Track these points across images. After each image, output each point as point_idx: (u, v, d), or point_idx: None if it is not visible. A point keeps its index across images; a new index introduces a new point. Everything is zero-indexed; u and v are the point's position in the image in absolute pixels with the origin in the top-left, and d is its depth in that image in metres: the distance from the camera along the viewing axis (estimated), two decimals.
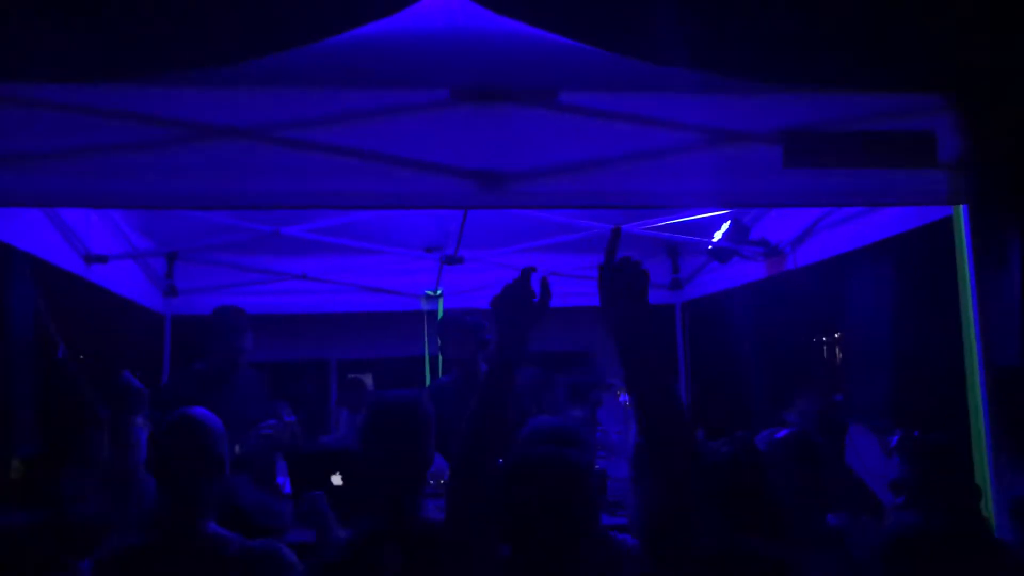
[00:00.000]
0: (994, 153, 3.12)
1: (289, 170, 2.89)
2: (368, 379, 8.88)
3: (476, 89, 2.97)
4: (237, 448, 3.65)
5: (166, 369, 5.57)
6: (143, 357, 5.32)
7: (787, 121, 3.14)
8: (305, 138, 2.87)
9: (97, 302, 4.52)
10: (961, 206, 3.22)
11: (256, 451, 3.80)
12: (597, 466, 3.84)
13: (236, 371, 4.14)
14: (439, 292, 5.78)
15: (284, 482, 3.79)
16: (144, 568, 2.40)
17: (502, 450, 2.20)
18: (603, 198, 3.12)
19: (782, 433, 2.98)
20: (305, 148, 2.87)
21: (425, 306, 5.84)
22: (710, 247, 5.00)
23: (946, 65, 3.17)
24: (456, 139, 2.97)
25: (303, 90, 2.93)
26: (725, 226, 4.91)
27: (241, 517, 2.84)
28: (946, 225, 3.34)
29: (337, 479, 3.24)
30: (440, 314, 5.61)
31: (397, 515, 2.31)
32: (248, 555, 2.38)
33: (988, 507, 3.02)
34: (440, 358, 5.80)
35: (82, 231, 4.12)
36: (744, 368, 5.96)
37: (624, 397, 5.16)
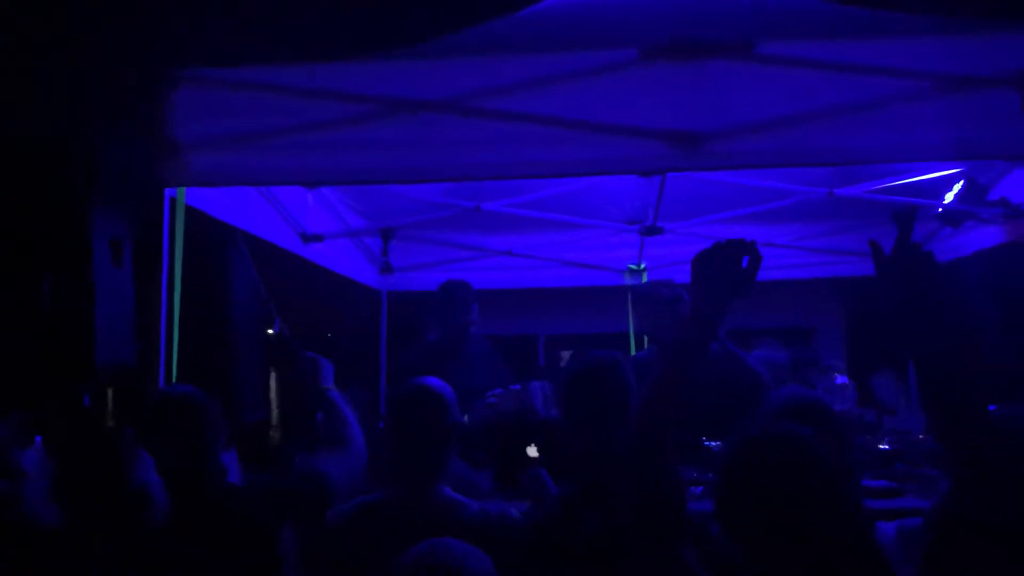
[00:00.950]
0: None
1: (479, 142, 2.89)
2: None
3: (666, 45, 2.83)
4: (466, 418, 3.74)
5: (383, 344, 5.83)
6: (361, 333, 5.59)
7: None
8: (493, 107, 2.86)
9: (314, 280, 4.79)
10: None
11: (483, 420, 3.87)
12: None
13: (466, 342, 4.29)
14: (642, 266, 5.65)
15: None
16: (383, 524, 2.48)
17: (674, 432, 2.01)
18: (811, 155, 2.89)
19: None
20: (494, 117, 2.85)
21: (628, 280, 5.73)
22: (940, 210, 4.54)
23: None
24: (647, 100, 2.85)
25: (489, 59, 2.91)
26: (957, 186, 4.44)
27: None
28: None
29: (533, 451, 3.24)
30: None
31: (599, 483, 2.25)
32: (485, 519, 2.42)
33: None
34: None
35: (298, 211, 4.37)
36: (980, 347, 5.39)
37: (841, 379, 4.81)
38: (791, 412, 2.26)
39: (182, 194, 3.03)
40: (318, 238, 4.50)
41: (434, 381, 2.60)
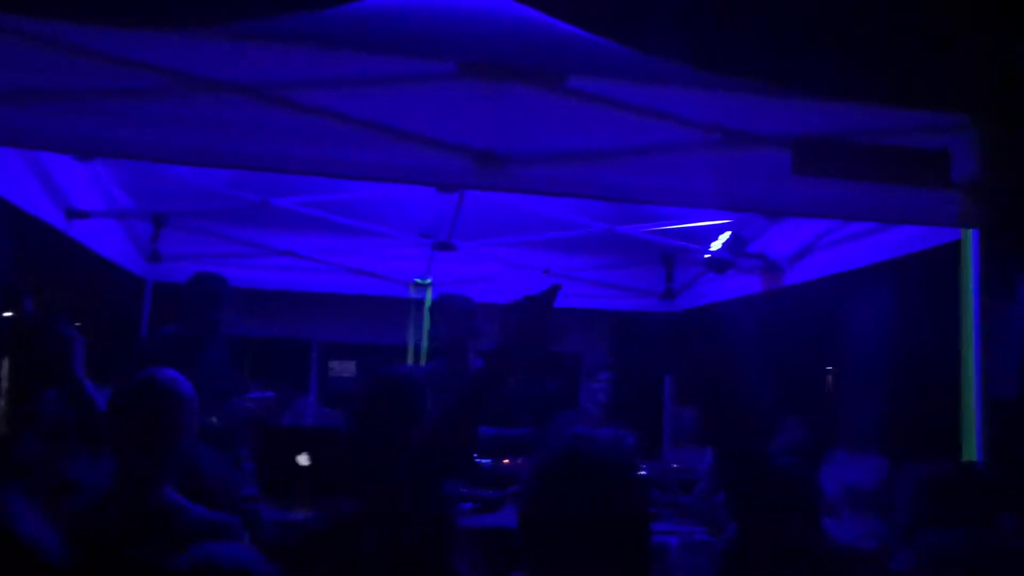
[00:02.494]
0: (1011, 178, 3.02)
1: (283, 131, 2.77)
2: (351, 366, 8.73)
3: (484, 65, 2.86)
4: (214, 418, 3.54)
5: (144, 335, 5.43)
6: (120, 321, 5.18)
7: (799, 127, 3.05)
8: (303, 100, 2.76)
9: (76, 260, 4.39)
10: (972, 231, 3.12)
11: (235, 422, 3.68)
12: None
13: (211, 340, 4.00)
14: (428, 281, 5.66)
15: (246, 454, 3.68)
16: (95, 528, 2.28)
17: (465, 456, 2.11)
18: (602, 189, 3.02)
19: None
20: (301, 110, 2.75)
21: (413, 294, 5.72)
22: (707, 256, 4.90)
23: (965, 84, 3.08)
24: (458, 115, 2.86)
25: (308, 49, 2.81)
26: (724, 236, 4.81)
27: (200, 486, 2.71)
28: (952, 250, 3.24)
29: (304, 459, 3.13)
30: (428, 303, 5.50)
31: (381, 496, 2.20)
32: (202, 525, 2.27)
33: None
34: (424, 349, 5.68)
35: (65, 184, 3.99)
36: (735, 384, 5.86)
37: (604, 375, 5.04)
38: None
39: None
40: (84, 215, 4.13)
41: (168, 373, 2.43)
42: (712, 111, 3.01)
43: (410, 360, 5.77)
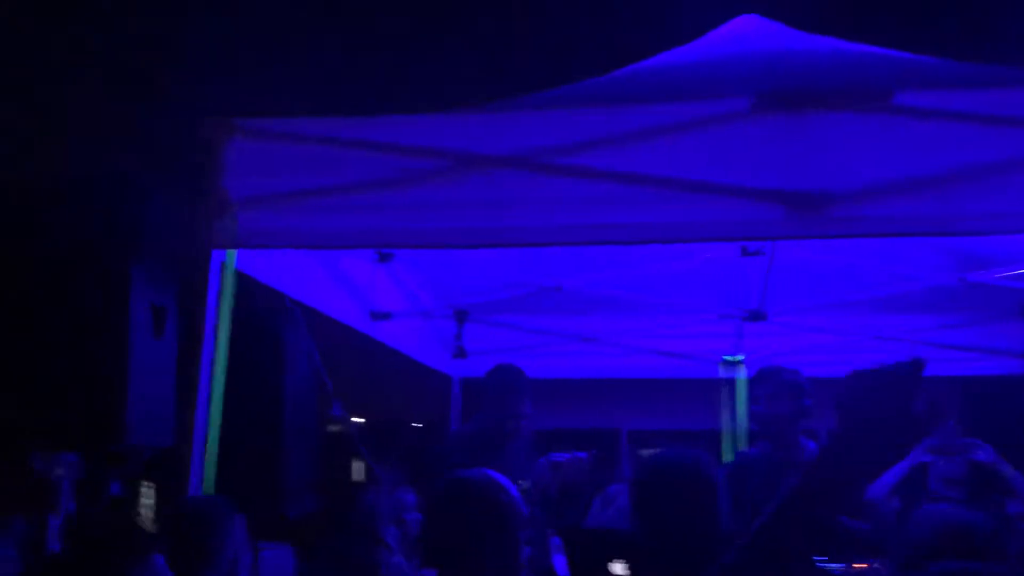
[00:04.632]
0: None
1: (558, 201, 2.54)
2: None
3: (785, 93, 2.45)
4: (524, 482, 3.34)
5: None
6: (431, 420, 5.21)
7: None
8: (576, 164, 2.51)
9: (380, 362, 4.46)
10: None
11: (545, 484, 3.44)
12: None
13: (512, 437, 3.80)
14: (740, 358, 5.15)
15: (558, 560, 3.38)
16: None
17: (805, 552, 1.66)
18: (951, 224, 2.44)
19: None
20: (576, 175, 2.50)
21: (723, 373, 5.23)
22: None
23: None
24: (760, 156, 2.46)
25: (572, 111, 2.59)
26: None
27: None
28: None
29: (619, 568, 2.77)
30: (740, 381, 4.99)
31: None
32: None
33: None
34: (743, 432, 5.15)
35: (367, 286, 4.06)
36: None
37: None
38: None
39: (232, 257, 2.74)
40: (386, 316, 4.18)
41: (487, 473, 2.17)
42: None
43: (726, 446, 5.25)
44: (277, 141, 2.60)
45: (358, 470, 3.85)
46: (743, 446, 5.06)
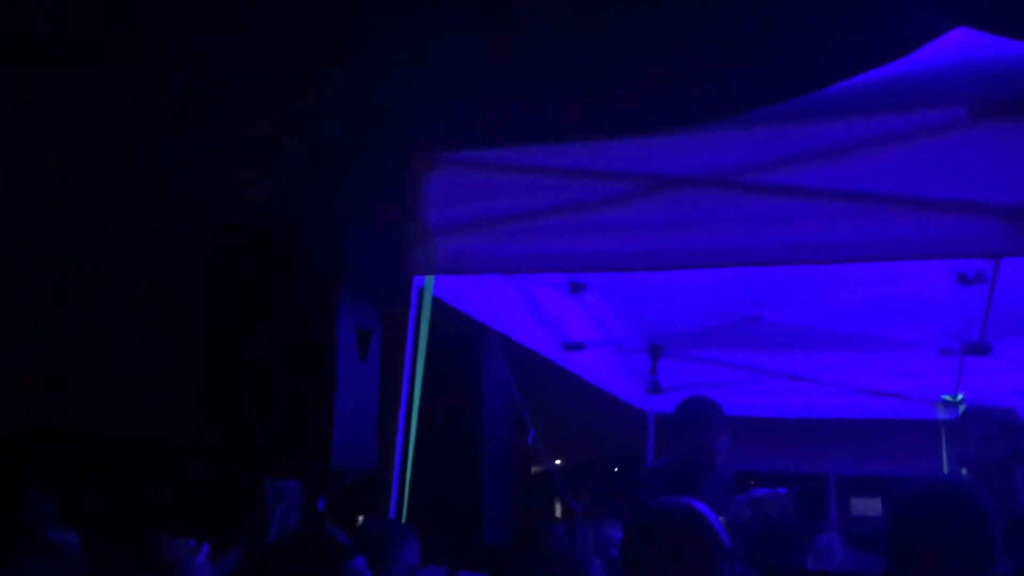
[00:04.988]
0: None
1: (759, 220, 2.46)
2: (877, 504, 7.71)
3: (1001, 103, 2.27)
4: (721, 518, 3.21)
5: None
6: (624, 456, 5.14)
7: None
8: (777, 181, 2.43)
9: (572, 392, 4.47)
10: None
11: (744, 521, 3.29)
12: None
13: (707, 473, 3.67)
14: (960, 397, 4.75)
15: None
16: None
17: None
18: None
19: None
20: (774, 193, 2.42)
21: (941, 414, 4.84)
22: None
23: None
24: (978, 167, 2.28)
25: (769, 128, 2.51)
26: None
27: None
28: None
29: None
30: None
31: None
32: None
33: None
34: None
35: (560, 316, 4.09)
36: None
37: None
38: None
39: (430, 284, 2.85)
40: (579, 346, 4.19)
41: (688, 502, 2.10)
42: None
43: None
44: (473, 171, 2.69)
45: (554, 502, 3.85)
46: None
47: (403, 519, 2.69)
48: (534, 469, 4.02)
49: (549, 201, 2.70)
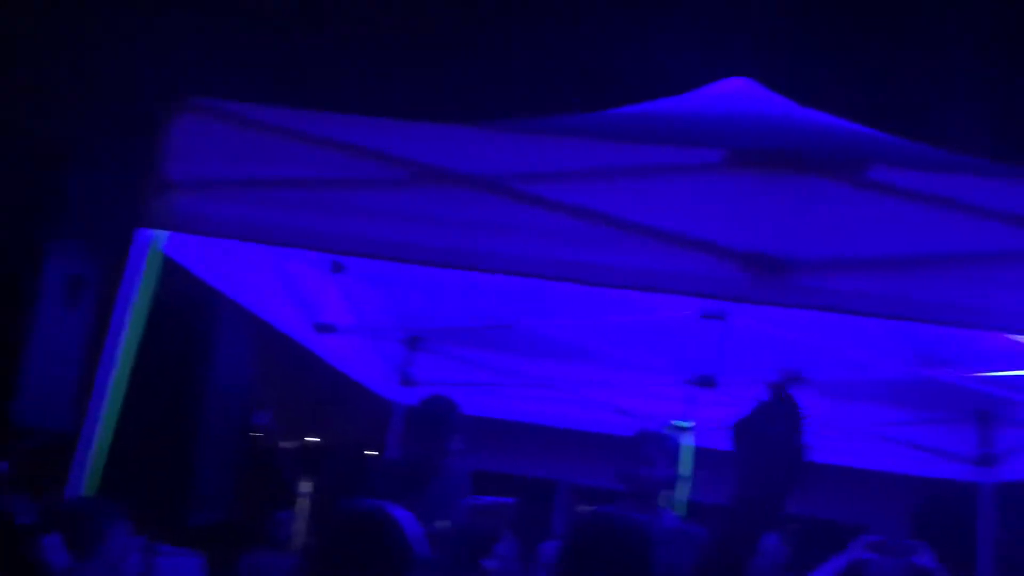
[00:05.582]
0: None
1: (516, 229, 2.41)
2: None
3: (761, 152, 2.35)
4: (448, 522, 3.21)
5: None
6: (364, 445, 5.01)
7: None
8: (540, 193, 2.39)
9: (324, 377, 4.28)
10: None
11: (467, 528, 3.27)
12: None
13: (438, 473, 3.61)
14: (689, 424, 5.00)
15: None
16: None
17: None
18: (914, 308, 2.32)
19: None
20: (539, 204, 2.38)
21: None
22: None
23: None
24: (728, 212, 2.35)
25: (551, 139, 2.48)
26: None
27: None
28: None
29: None
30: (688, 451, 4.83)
31: None
32: None
33: None
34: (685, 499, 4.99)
35: (313, 297, 3.90)
36: None
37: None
38: None
39: (161, 240, 2.57)
40: (331, 329, 4.01)
41: (382, 507, 2.02)
42: None
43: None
44: (229, 125, 2.46)
45: (278, 485, 3.66)
46: (683, 511, 4.90)
47: (89, 491, 2.40)
48: (266, 451, 3.80)
49: (311, 172, 2.53)
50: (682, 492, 4.71)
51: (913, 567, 3.63)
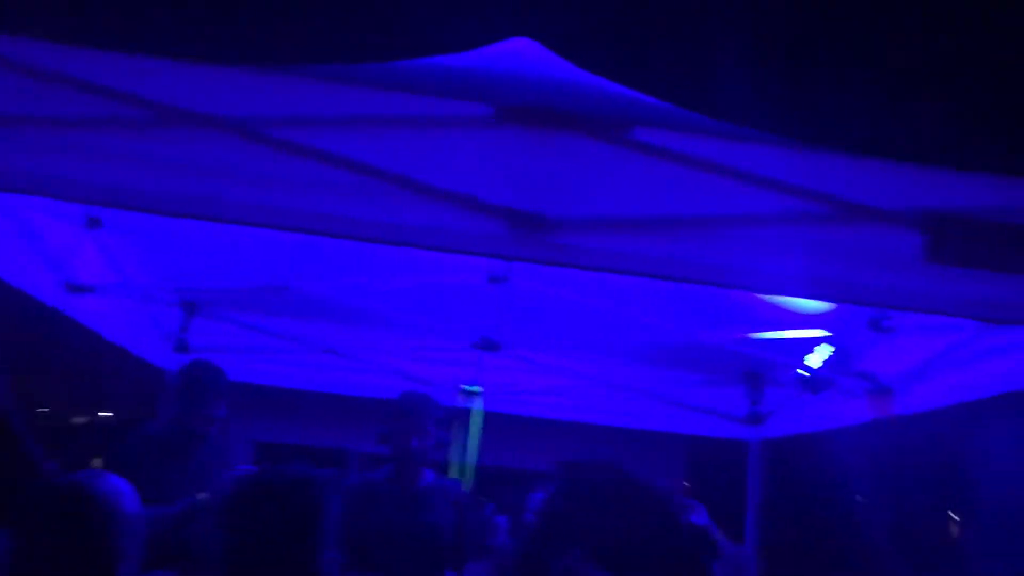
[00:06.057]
0: None
1: (277, 180, 2.24)
2: None
3: (530, 109, 2.30)
4: (206, 495, 3.08)
5: None
6: (131, 416, 4.66)
7: (933, 201, 2.38)
8: (301, 141, 2.23)
9: (83, 342, 3.92)
10: None
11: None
12: None
13: (202, 442, 3.40)
14: (478, 389, 5.00)
15: None
16: None
17: None
18: (676, 268, 2.36)
19: None
20: (299, 153, 2.22)
21: (461, 403, 5.06)
22: (800, 372, 4.14)
23: None
24: (494, 169, 2.29)
25: (312, 83, 2.32)
26: (825, 351, 4.06)
27: None
28: None
29: None
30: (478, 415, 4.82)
31: None
32: None
33: None
34: (472, 465, 4.99)
35: (66, 256, 3.54)
36: (832, 530, 4.96)
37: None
38: None
39: None
40: (86, 289, 3.66)
41: (93, 479, 1.83)
42: (821, 177, 2.38)
43: (452, 475, 5.07)
44: None
45: (17, 459, 3.31)
46: (470, 477, 4.90)
47: None
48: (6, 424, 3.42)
49: (41, 110, 2.24)
50: (467, 455, 4.72)
51: (689, 525, 3.79)
